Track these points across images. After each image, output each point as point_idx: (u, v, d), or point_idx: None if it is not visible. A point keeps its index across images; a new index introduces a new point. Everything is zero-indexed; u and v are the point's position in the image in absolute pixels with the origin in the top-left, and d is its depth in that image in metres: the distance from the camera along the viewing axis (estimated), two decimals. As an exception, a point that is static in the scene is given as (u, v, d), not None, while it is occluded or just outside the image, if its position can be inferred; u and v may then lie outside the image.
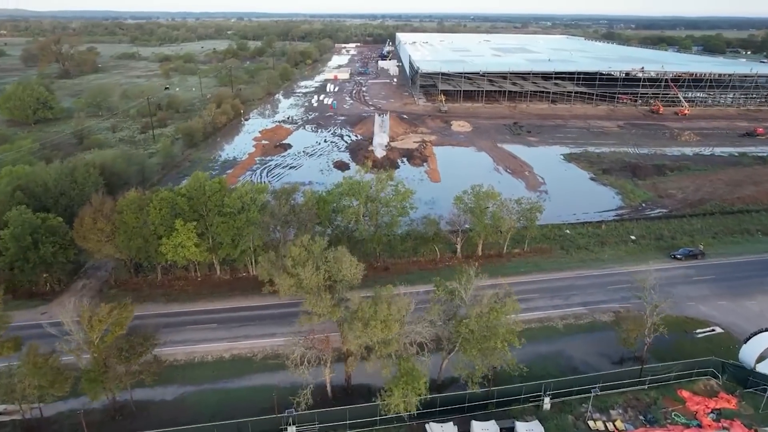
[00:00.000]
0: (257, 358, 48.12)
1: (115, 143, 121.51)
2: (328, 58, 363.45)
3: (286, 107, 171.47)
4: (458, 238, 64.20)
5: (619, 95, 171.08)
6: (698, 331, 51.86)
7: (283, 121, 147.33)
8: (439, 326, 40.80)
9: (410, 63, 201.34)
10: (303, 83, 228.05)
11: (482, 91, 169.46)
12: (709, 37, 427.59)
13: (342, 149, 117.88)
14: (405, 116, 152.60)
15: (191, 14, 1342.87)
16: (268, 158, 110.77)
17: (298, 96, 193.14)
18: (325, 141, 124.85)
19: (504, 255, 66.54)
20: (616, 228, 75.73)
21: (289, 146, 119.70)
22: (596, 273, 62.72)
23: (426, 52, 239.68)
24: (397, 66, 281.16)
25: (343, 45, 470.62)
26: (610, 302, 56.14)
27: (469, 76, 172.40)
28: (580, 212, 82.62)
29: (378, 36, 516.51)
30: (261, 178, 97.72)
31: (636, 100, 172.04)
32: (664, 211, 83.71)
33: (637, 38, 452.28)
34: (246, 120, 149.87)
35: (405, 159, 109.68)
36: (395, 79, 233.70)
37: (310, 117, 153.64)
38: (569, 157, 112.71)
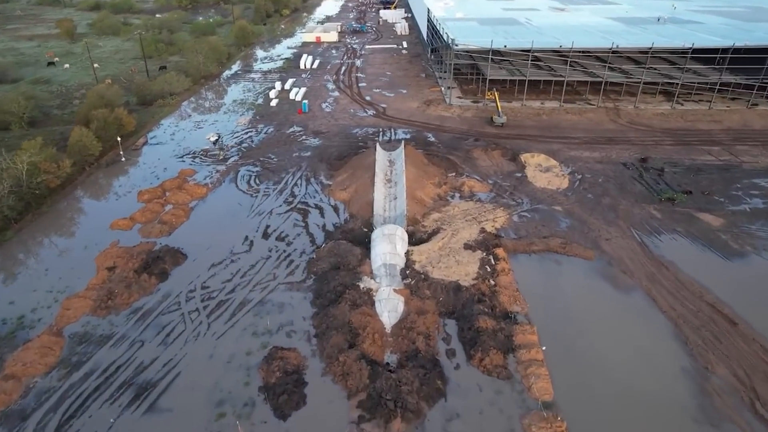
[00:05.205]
0: None
1: None
2: (316, 3, 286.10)
3: (227, 107, 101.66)
4: None
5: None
6: None
7: (204, 153, 78.66)
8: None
9: (430, 24, 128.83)
10: (270, 52, 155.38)
11: (560, 82, 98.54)
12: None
13: (300, 278, 49.98)
14: (431, 138, 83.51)
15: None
16: (107, 321, 43.62)
17: (254, 79, 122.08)
18: (267, 232, 56.85)
19: None
20: None
21: (180, 258, 52.07)
22: None
23: (450, 2, 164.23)
24: (406, 17, 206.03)
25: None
26: None
27: (537, 55, 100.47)
28: None
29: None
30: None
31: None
32: None
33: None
34: (135, 149, 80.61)
35: (455, 341, 42.41)
36: (405, 44, 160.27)
37: (255, 139, 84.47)
38: None
